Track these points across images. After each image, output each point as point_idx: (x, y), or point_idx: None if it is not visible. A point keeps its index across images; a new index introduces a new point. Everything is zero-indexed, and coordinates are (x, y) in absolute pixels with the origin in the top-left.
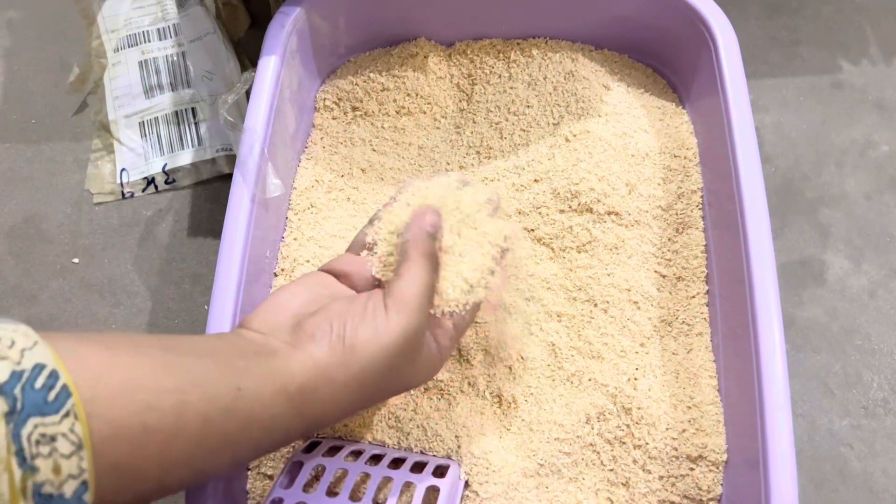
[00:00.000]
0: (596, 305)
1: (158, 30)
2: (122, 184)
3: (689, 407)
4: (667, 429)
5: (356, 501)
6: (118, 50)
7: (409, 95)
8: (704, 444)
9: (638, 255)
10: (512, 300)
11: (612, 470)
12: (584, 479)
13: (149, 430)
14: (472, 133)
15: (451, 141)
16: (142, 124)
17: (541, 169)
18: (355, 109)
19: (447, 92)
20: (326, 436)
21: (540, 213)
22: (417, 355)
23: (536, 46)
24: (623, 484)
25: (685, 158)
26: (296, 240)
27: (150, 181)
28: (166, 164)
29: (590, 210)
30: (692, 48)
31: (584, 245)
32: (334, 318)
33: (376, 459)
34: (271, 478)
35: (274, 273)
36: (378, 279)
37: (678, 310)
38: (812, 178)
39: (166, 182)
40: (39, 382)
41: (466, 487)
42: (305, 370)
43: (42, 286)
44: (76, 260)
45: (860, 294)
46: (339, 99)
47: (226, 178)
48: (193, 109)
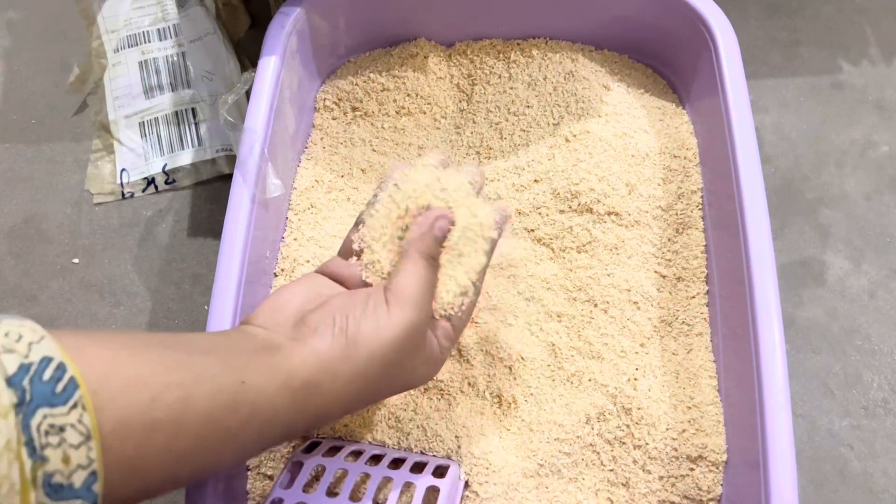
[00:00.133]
0: (596, 306)
1: (158, 30)
2: (122, 184)
3: (689, 407)
4: (667, 429)
5: (356, 501)
6: (118, 50)
7: (409, 96)
8: (704, 445)
9: (638, 256)
10: (512, 300)
11: (612, 470)
12: (584, 480)
13: (154, 424)
14: (472, 133)
15: (451, 141)
16: (142, 124)
17: (541, 169)
18: (355, 110)
19: (447, 92)
20: (326, 436)
21: (540, 214)
22: (419, 351)
23: (536, 47)
24: (623, 484)
25: (685, 159)
26: (296, 240)
27: (150, 181)
28: (166, 165)
29: (590, 210)
30: (692, 48)
31: (584, 245)
32: (336, 312)
33: (376, 459)
34: (271, 478)
35: (274, 273)
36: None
37: (678, 310)
38: (812, 179)
39: (166, 182)
40: (47, 374)
41: (466, 487)
42: (308, 364)
43: (42, 286)
44: (76, 260)
45: (860, 294)
46: (339, 99)
47: (226, 179)
48: (193, 110)
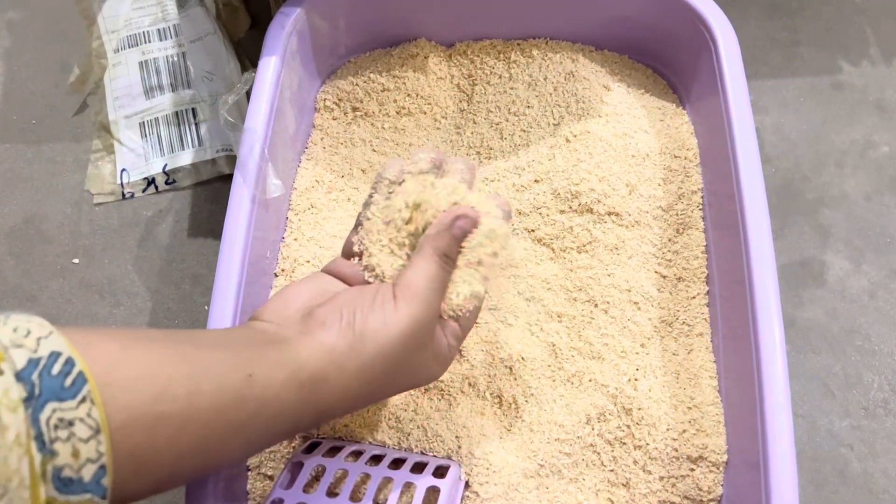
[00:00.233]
0: (596, 306)
1: (159, 30)
2: (123, 184)
3: (690, 407)
4: (667, 429)
5: (356, 502)
6: (118, 50)
7: (410, 96)
8: (705, 445)
9: (638, 256)
10: (512, 300)
11: (613, 470)
12: (585, 480)
13: (163, 417)
14: (473, 133)
15: (452, 141)
16: (142, 125)
17: (541, 169)
18: (355, 110)
19: (447, 92)
20: (327, 436)
21: (540, 214)
22: (426, 348)
23: (537, 47)
24: (623, 484)
25: (685, 159)
26: (296, 240)
27: (151, 181)
28: (166, 165)
29: (590, 210)
30: (692, 49)
31: (585, 245)
32: (344, 306)
33: (376, 460)
34: (272, 478)
35: (274, 273)
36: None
37: (678, 310)
38: (812, 179)
39: (166, 182)
40: (56, 369)
41: (467, 488)
42: (316, 357)
43: (42, 287)
44: (76, 260)
45: (860, 295)
46: (340, 99)
47: (226, 179)
48: (194, 110)
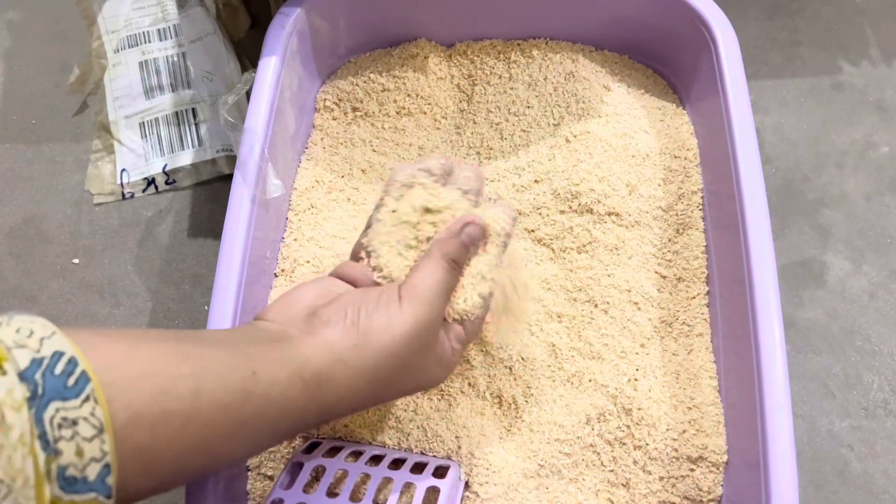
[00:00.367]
0: (596, 306)
1: (159, 30)
2: (123, 184)
3: (690, 408)
4: (667, 430)
5: (356, 502)
6: (118, 51)
7: (410, 96)
8: (705, 445)
9: (638, 256)
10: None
11: (613, 471)
12: (585, 480)
13: (166, 415)
14: (473, 134)
15: (452, 142)
16: (142, 125)
17: (541, 169)
18: (356, 110)
19: (447, 92)
20: (326, 436)
21: (540, 214)
22: (429, 350)
23: (537, 47)
24: (623, 485)
25: (685, 159)
26: (296, 240)
27: (151, 182)
28: (166, 165)
29: (590, 211)
30: (692, 49)
31: (585, 246)
32: (348, 306)
33: (376, 460)
34: (271, 478)
35: (274, 274)
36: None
37: (678, 310)
38: (812, 179)
39: (166, 182)
40: (59, 368)
41: (466, 488)
42: (320, 355)
43: (42, 287)
44: (76, 260)
45: (860, 295)
46: (340, 100)
47: (226, 179)
48: (194, 110)
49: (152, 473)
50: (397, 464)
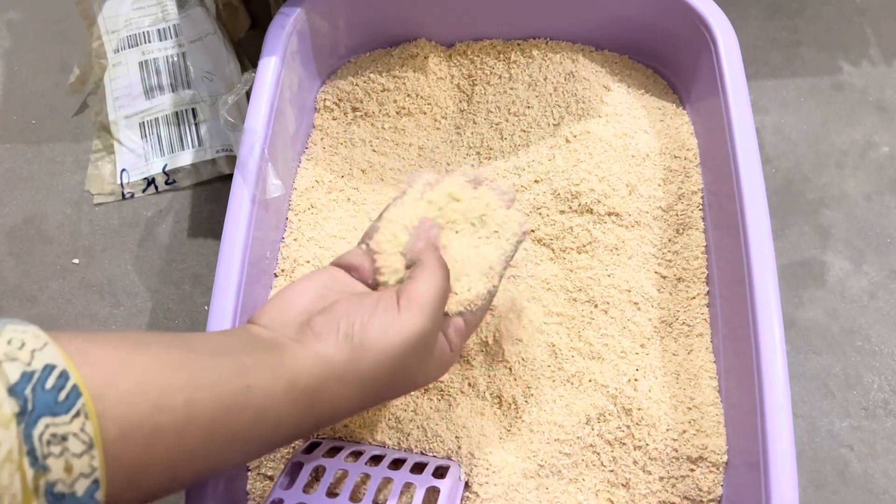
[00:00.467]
0: (596, 306)
1: (159, 30)
2: (123, 184)
3: (690, 408)
4: (667, 430)
5: (356, 502)
6: (118, 51)
7: (410, 96)
8: (705, 445)
9: (638, 256)
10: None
11: (613, 471)
12: (585, 480)
13: (159, 429)
14: (473, 134)
15: (452, 142)
16: (142, 125)
17: (541, 170)
18: (355, 110)
19: (447, 93)
20: (326, 436)
21: (540, 214)
22: (428, 356)
23: (537, 47)
24: (623, 485)
25: (685, 159)
26: (296, 240)
27: (151, 182)
28: (166, 165)
29: (590, 211)
30: (692, 49)
31: (585, 246)
32: (341, 318)
33: (376, 460)
34: (271, 478)
35: (274, 274)
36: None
37: (678, 311)
38: (812, 179)
39: (166, 183)
40: (50, 383)
41: (466, 488)
42: (313, 369)
43: (42, 287)
44: (76, 260)
45: (860, 295)
46: (340, 100)
47: (226, 179)
48: (194, 110)
49: (143, 485)
50: (397, 464)
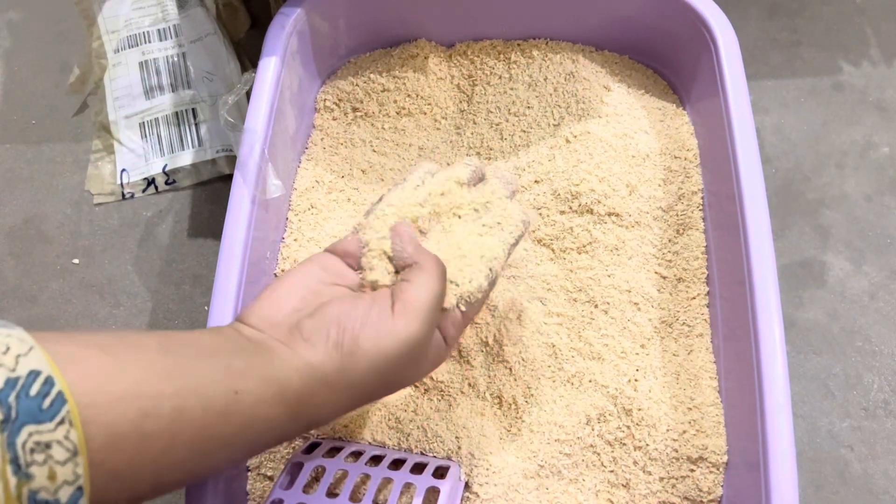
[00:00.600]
0: (596, 306)
1: (159, 31)
2: (123, 184)
3: (690, 408)
4: (667, 430)
5: (356, 502)
6: (118, 51)
7: (410, 96)
8: (705, 446)
9: (638, 257)
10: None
11: (613, 471)
12: (585, 481)
13: (146, 437)
14: (473, 134)
15: (452, 142)
16: (142, 125)
17: (541, 170)
18: (356, 110)
19: (447, 93)
20: (326, 436)
21: (540, 214)
22: (422, 358)
23: (537, 47)
24: (623, 485)
25: (686, 159)
26: (296, 240)
27: (151, 182)
28: (166, 165)
29: (590, 211)
30: (693, 49)
31: (585, 246)
32: (332, 324)
33: (376, 460)
34: (271, 479)
35: (274, 274)
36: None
37: (679, 311)
38: (812, 180)
39: (166, 183)
40: (34, 390)
41: (466, 488)
42: (302, 376)
43: (42, 287)
44: (76, 261)
45: (861, 296)
46: (340, 100)
47: (226, 179)
48: (194, 110)
49: (128, 492)
50: (397, 464)
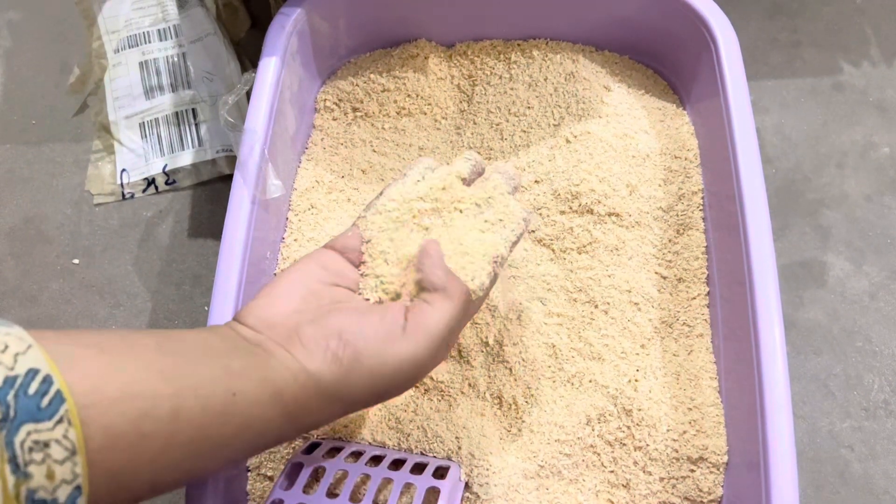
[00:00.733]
0: (596, 307)
1: (159, 31)
2: (123, 184)
3: (690, 408)
4: (667, 430)
5: (356, 502)
6: (119, 51)
7: (410, 96)
8: (705, 446)
9: (638, 257)
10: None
11: (613, 471)
12: (585, 481)
13: (144, 437)
14: (473, 134)
15: (452, 142)
16: (142, 125)
17: (541, 170)
18: (356, 110)
19: (448, 93)
20: (326, 437)
21: (540, 214)
22: (421, 377)
23: (537, 47)
24: (623, 485)
25: (686, 160)
26: (296, 241)
27: (151, 182)
28: (166, 165)
29: (590, 211)
30: (693, 49)
31: (585, 246)
32: (333, 336)
33: (376, 460)
34: (271, 479)
35: (274, 274)
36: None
37: (679, 311)
38: (813, 180)
39: (166, 183)
40: (33, 388)
41: (466, 489)
42: (298, 380)
43: (42, 287)
44: (76, 261)
45: (861, 296)
46: (340, 100)
47: (226, 179)
48: (194, 110)
49: (126, 492)
50: (397, 464)
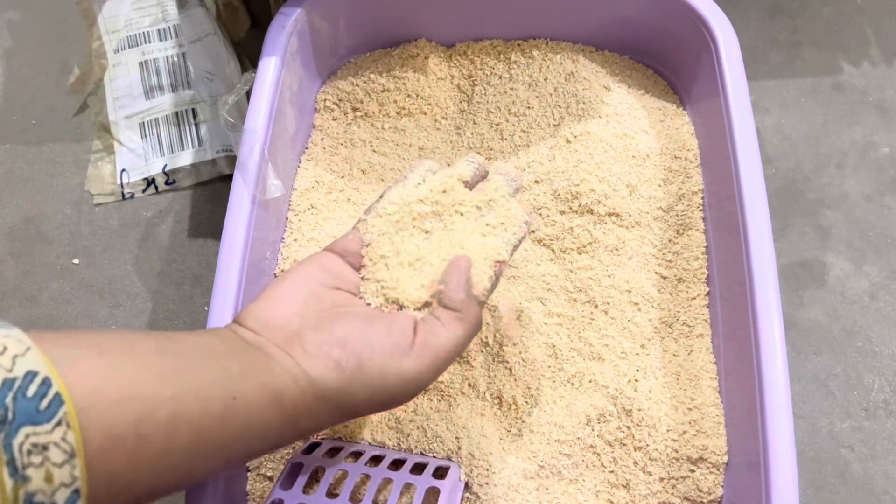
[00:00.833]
0: (596, 307)
1: (159, 31)
2: (123, 185)
3: (690, 409)
4: (667, 430)
5: (356, 502)
6: (118, 51)
7: (410, 96)
8: (705, 446)
9: (638, 257)
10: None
11: (613, 471)
12: (585, 481)
13: (143, 440)
14: (473, 134)
15: (452, 142)
16: (142, 125)
17: (541, 170)
18: (356, 110)
19: (448, 93)
20: (326, 437)
21: (540, 215)
22: (419, 391)
23: (537, 47)
24: (623, 485)
25: (686, 160)
26: (296, 241)
27: (151, 182)
28: (166, 165)
29: (590, 211)
30: (693, 49)
31: (585, 246)
32: (336, 344)
33: (376, 461)
34: (271, 479)
35: (274, 274)
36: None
37: (679, 311)
38: (813, 180)
39: (166, 183)
40: (31, 390)
41: (466, 489)
42: (300, 387)
43: (42, 287)
44: (76, 261)
45: (861, 296)
46: (340, 100)
47: (226, 179)
48: (194, 110)
49: (124, 494)
50: (397, 464)
